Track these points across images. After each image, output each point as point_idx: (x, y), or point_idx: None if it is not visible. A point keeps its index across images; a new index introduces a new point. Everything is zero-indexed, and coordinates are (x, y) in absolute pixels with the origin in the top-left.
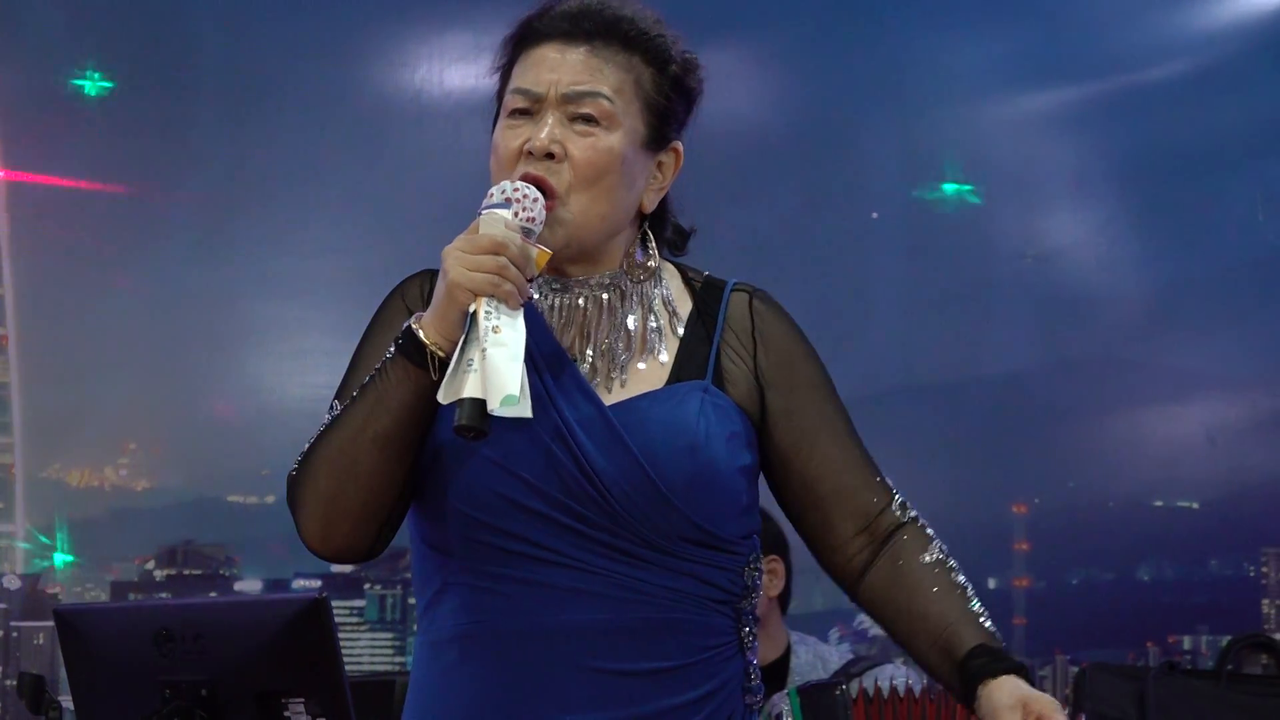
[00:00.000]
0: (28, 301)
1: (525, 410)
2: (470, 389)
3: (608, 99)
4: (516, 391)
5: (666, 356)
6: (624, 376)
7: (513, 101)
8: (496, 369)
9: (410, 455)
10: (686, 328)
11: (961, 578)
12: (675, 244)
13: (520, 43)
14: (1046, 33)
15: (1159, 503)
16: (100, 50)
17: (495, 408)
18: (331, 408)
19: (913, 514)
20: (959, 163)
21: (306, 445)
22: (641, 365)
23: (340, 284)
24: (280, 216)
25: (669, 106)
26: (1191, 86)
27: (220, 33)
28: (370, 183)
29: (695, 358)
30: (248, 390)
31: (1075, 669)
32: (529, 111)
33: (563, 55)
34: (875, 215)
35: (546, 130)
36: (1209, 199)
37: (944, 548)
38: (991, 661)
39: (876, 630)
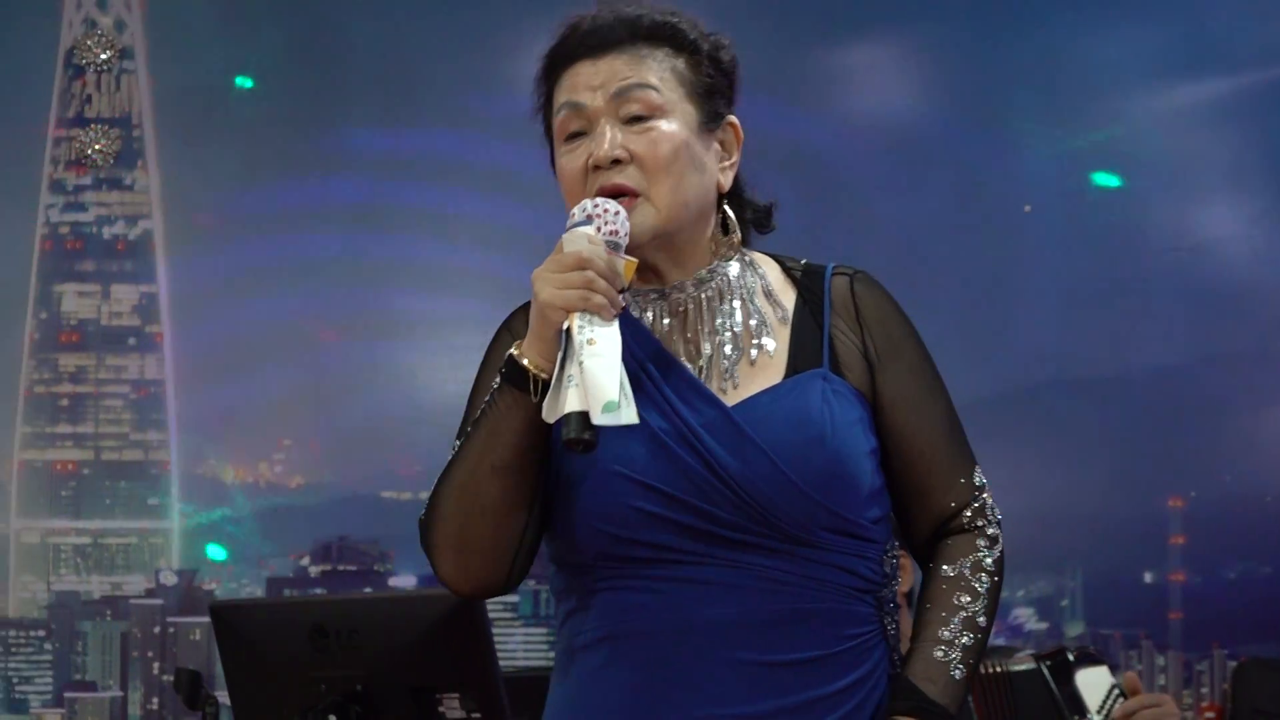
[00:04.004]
0: (182, 299)
1: (630, 417)
2: (572, 403)
3: (654, 89)
4: (616, 397)
5: (776, 348)
6: (735, 378)
7: (564, 124)
8: (595, 379)
9: (530, 481)
10: (794, 316)
11: (966, 598)
12: (759, 221)
13: (550, 75)
14: (1199, 21)
15: None
16: (251, 48)
17: (598, 417)
18: (453, 447)
19: (980, 522)
20: (1112, 154)
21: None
22: (752, 362)
23: (491, 277)
24: (432, 209)
25: (712, 83)
26: None
27: (370, 25)
28: (520, 174)
29: (809, 346)
30: (401, 386)
31: (1233, 664)
32: (582, 132)
33: (596, 66)
34: (1028, 208)
35: (607, 139)
36: None
37: (983, 561)
38: (897, 699)
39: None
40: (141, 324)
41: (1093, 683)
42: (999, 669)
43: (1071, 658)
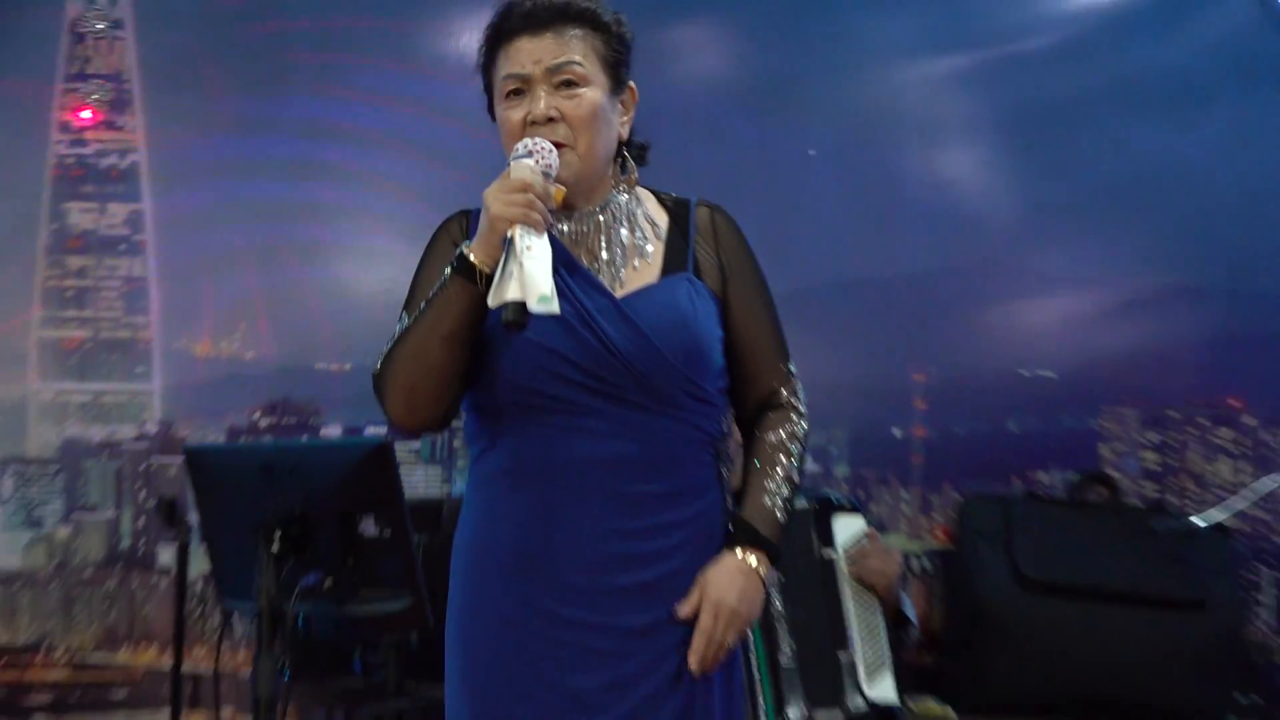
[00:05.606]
0: (163, 214)
1: (555, 307)
2: (512, 292)
3: (579, 64)
4: (549, 292)
5: (654, 257)
6: (622, 278)
7: (506, 85)
8: (533, 276)
9: (468, 349)
10: (667, 234)
11: (783, 458)
12: (638, 158)
13: (494, 43)
14: (949, 10)
15: (1025, 372)
16: (213, 24)
17: (534, 306)
18: (400, 318)
19: (794, 400)
20: (878, 112)
21: (385, 348)
22: (635, 266)
23: (403, 202)
24: (358, 152)
25: (619, 56)
26: (1060, 54)
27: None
28: (425, 129)
29: (678, 256)
30: (332, 281)
31: (959, 496)
32: (521, 91)
33: (535, 42)
34: (812, 152)
35: (543, 102)
36: (1070, 142)
37: (796, 431)
38: (737, 534)
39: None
40: (131, 234)
41: (845, 525)
42: None
43: (834, 502)
